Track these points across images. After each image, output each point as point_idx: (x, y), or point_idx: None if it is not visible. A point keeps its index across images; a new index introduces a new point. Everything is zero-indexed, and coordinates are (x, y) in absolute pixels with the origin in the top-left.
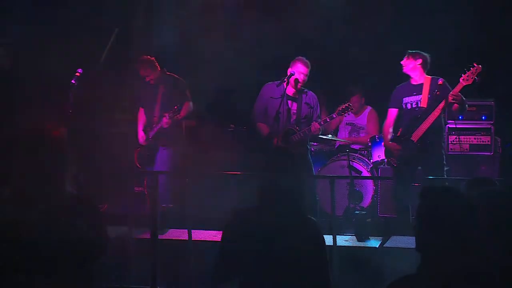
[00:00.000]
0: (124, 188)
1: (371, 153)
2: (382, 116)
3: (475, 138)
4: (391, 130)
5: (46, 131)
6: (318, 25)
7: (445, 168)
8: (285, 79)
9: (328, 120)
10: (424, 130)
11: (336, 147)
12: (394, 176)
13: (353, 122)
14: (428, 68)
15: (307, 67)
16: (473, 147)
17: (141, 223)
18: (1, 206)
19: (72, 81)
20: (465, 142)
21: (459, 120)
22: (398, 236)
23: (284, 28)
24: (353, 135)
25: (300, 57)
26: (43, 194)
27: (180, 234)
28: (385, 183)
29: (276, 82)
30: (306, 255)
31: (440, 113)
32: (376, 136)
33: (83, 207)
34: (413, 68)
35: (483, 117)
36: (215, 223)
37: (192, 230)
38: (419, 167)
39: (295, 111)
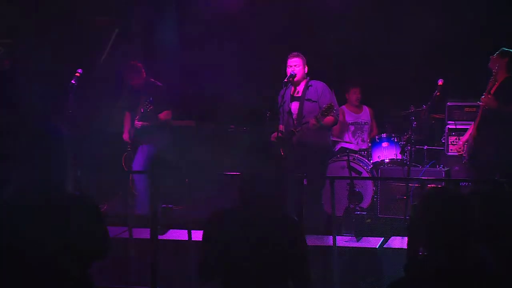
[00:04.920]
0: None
1: (371, 154)
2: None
3: None
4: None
5: (47, 131)
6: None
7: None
8: (286, 80)
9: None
10: (473, 131)
11: (336, 149)
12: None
13: (356, 120)
14: None
15: (296, 56)
16: None
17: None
18: (2, 206)
19: (72, 81)
20: None
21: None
22: (398, 237)
23: (284, 26)
24: (357, 134)
25: (290, 53)
26: (44, 194)
27: (180, 234)
28: (385, 184)
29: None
30: (286, 254)
31: (487, 112)
32: (376, 137)
33: (84, 207)
34: (498, 66)
35: None
36: None
37: (192, 231)
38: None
39: (296, 111)
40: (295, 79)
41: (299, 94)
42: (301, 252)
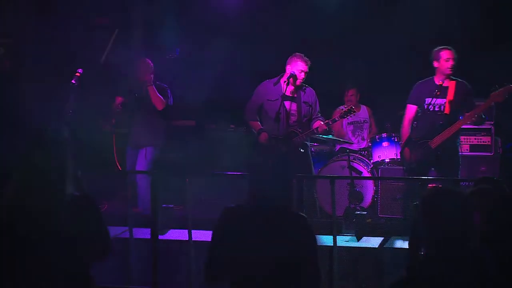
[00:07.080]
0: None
1: (371, 154)
2: (378, 115)
3: (475, 139)
4: (409, 128)
5: (47, 131)
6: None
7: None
8: (285, 80)
9: (330, 123)
10: (445, 138)
11: (337, 149)
12: (404, 175)
13: (354, 119)
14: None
15: (307, 64)
16: (473, 147)
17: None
18: (3, 206)
19: (73, 81)
20: (466, 143)
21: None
22: (398, 236)
23: (283, 25)
24: (357, 132)
25: (297, 53)
26: (45, 195)
27: (181, 234)
28: (386, 184)
29: (273, 80)
30: (296, 253)
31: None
32: (377, 137)
33: (84, 207)
34: (441, 66)
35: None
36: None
37: (193, 230)
38: (433, 168)
39: (294, 112)
40: (297, 83)
41: (295, 95)
42: (312, 249)
